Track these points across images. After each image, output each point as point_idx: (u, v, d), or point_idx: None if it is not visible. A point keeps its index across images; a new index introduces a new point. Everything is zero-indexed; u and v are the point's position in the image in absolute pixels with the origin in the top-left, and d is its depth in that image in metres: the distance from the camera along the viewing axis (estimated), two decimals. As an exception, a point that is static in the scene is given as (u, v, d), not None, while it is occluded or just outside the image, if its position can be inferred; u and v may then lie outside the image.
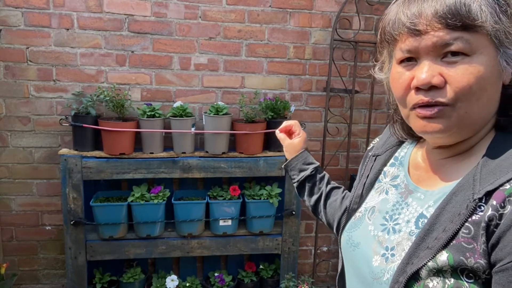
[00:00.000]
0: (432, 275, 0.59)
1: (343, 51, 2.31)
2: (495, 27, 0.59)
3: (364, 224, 0.77)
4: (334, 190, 1.06)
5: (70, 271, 2.09)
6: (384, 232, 0.72)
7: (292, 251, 2.28)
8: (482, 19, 0.58)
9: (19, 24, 2.02)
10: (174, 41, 2.15)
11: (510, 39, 0.60)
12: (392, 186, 0.77)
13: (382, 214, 0.75)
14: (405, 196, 0.73)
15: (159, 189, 2.11)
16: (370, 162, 0.85)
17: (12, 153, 2.15)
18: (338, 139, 2.41)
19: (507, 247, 0.54)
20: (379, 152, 0.85)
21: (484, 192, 0.58)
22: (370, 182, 0.82)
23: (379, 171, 0.82)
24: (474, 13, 0.58)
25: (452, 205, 0.61)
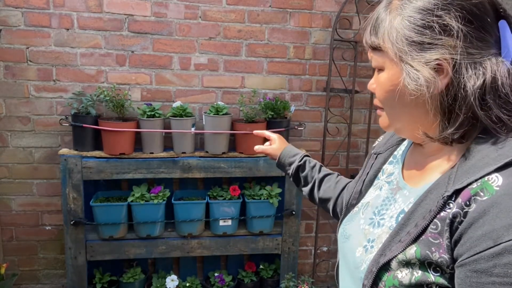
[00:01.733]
0: (402, 267, 0.64)
1: (343, 51, 2.31)
2: (393, 46, 0.65)
3: (357, 218, 0.81)
4: (327, 177, 1.11)
5: (70, 271, 2.09)
6: (370, 226, 0.76)
7: (292, 251, 2.28)
8: (383, 40, 0.66)
9: (19, 24, 2.02)
10: (174, 41, 2.15)
11: (412, 56, 0.63)
12: (386, 183, 0.81)
13: (372, 209, 0.79)
14: (394, 193, 0.77)
15: (159, 189, 2.11)
16: (371, 159, 0.89)
17: (12, 153, 2.15)
18: (338, 139, 2.41)
19: (467, 243, 0.56)
20: (380, 150, 0.88)
21: (452, 190, 0.60)
22: (369, 179, 0.86)
23: (379, 169, 0.85)
24: (379, 34, 0.67)
25: (426, 202, 0.65)
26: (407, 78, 0.64)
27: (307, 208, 2.48)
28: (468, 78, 0.61)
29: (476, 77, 0.61)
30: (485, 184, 0.57)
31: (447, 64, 0.61)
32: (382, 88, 0.70)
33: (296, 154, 1.17)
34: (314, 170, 1.13)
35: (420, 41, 0.62)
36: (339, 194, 1.07)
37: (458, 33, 0.60)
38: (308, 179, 1.13)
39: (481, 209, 0.56)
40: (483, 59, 0.61)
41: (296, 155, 1.16)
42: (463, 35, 0.60)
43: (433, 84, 0.62)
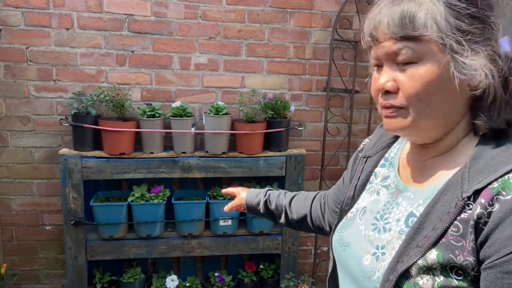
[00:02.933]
0: (422, 273, 0.61)
1: (343, 51, 2.31)
2: (441, 35, 0.60)
3: (355, 224, 0.78)
4: (294, 198, 1.11)
5: (70, 271, 2.09)
6: (375, 231, 0.73)
7: (292, 251, 2.28)
8: (426, 29, 0.61)
9: (19, 24, 2.02)
10: (174, 41, 2.15)
11: (462, 46, 0.60)
12: (383, 187, 0.78)
13: (373, 214, 0.76)
14: (395, 196, 0.74)
15: (159, 189, 2.11)
16: (361, 163, 0.86)
17: (12, 153, 2.15)
18: (338, 139, 2.41)
19: (495, 244, 0.55)
20: (370, 153, 0.85)
21: (472, 191, 0.58)
22: (361, 183, 0.83)
23: (370, 172, 0.83)
24: (418, 23, 0.61)
25: (441, 203, 0.62)
26: (458, 68, 0.60)
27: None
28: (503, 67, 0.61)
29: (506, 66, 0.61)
30: (507, 182, 0.56)
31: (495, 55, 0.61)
32: (421, 81, 0.63)
33: (259, 193, 1.17)
34: (280, 198, 1.13)
35: (469, 30, 0.60)
36: (310, 207, 1.06)
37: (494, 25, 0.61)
38: (278, 208, 1.12)
39: (506, 208, 0.55)
40: None
41: (260, 194, 1.16)
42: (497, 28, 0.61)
43: (490, 74, 0.60)
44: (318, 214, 1.04)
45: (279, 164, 2.16)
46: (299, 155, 2.19)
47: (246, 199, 1.19)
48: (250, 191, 1.21)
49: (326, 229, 1.04)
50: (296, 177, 2.19)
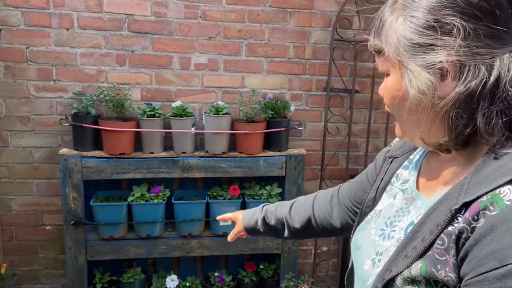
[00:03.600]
0: (407, 284, 0.60)
1: (343, 51, 2.31)
2: (394, 50, 0.60)
3: (369, 228, 0.77)
4: (293, 205, 1.06)
5: (70, 271, 2.09)
6: (380, 237, 0.72)
7: (292, 251, 2.28)
8: (386, 44, 0.62)
9: (19, 24, 2.02)
10: (174, 41, 2.15)
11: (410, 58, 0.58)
12: (400, 190, 0.75)
13: (384, 219, 0.74)
14: (409, 203, 0.71)
15: (159, 189, 2.11)
16: (386, 164, 0.83)
17: (12, 153, 2.15)
18: (338, 139, 2.41)
19: (472, 261, 0.53)
20: (396, 154, 0.82)
21: (461, 203, 0.56)
22: (383, 185, 0.80)
23: (393, 174, 0.80)
24: (382, 39, 0.63)
25: (436, 214, 0.61)
26: (408, 83, 0.59)
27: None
28: (471, 81, 0.55)
29: (479, 79, 0.55)
30: (496, 197, 0.53)
31: (453, 67, 0.56)
32: (388, 94, 0.65)
33: (255, 211, 1.12)
34: (278, 211, 1.07)
35: (422, 42, 0.57)
36: (312, 209, 1.01)
37: (461, 31, 0.54)
38: (279, 222, 1.06)
39: (489, 225, 0.51)
40: (494, 59, 0.55)
41: (256, 212, 1.11)
42: (468, 34, 0.54)
43: (433, 89, 0.57)
44: (324, 214, 1.00)
45: (279, 164, 2.16)
46: (299, 155, 2.19)
47: (243, 222, 1.14)
48: (245, 212, 1.15)
49: (336, 227, 0.98)
50: (296, 177, 2.19)
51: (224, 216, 1.24)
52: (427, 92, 0.57)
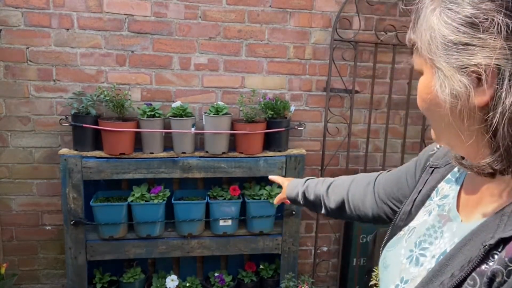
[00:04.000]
0: None
1: (343, 51, 2.31)
2: (426, 47, 0.53)
3: (399, 246, 0.69)
4: (332, 184, 1.02)
5: (70, 271, 2.09)
6: (407, 261, 0.64)
7: (292, 251, 2.28)
8: (418, 37, 0.54)
9: (19, 24, 2.02)
10: (174, 41, 2.15)
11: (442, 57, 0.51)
12: (437, 206, 0.66)
13: (416, 238, 0.66)
14: (443, 222, 0.63)
15: (159, 189, 2.11)
16: (426, 174, 0.73)
17: (12, 153, 2.15)
18: (338, 139, 2.41)
19: None
20: (438, 163, 0.72)
21: (498, 238, 0.48)
22: (421, 198, 0.71)
23: (433, 187, 0.70)
24: (417, 32, 0.55)
25: (469, 247, 0.52)
26: (438, 86, 0.52)
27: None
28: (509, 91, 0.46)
29: None
30: None
31: (491, 72, 0.47)
32: (419, 95, 0.57)
33: (298, 183, 1.11)
34: (318, 188, 1.04)
35: (457, 41, 0.49)
36: (348, 193, 0.96)
37: (503, 30, 0.46)
38: (317, 198, 1.03)
39: None
40: None
41: (298, 185, 1.11)
42: None
43: (467, 95, 0.49)
44: (358, 200, 0.94)
45: (279, 164, 2.16)
46: (299, 155, 2.19)
47: (287, 191, 1.14)
48: (291, 182, 1.15)
49: (368, 215, 0.92)
50: (296, 177, 2.19)
51: (275, 178, 1.27)
52: (459, 98, 0.50)
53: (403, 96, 2.41)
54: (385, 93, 2.40)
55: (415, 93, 2.58)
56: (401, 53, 2.35)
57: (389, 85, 2.35)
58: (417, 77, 2.02)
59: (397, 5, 2.30)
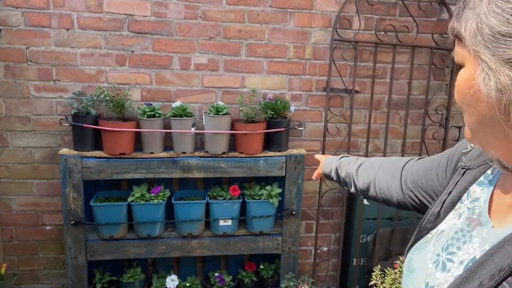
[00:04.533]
0: None
1: (343, 51, 2.31)
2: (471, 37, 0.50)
3: (426, 250, 0.66)
4: (361, 166, 1.04)
5: (70, 271, 2.09)
6: (434, 265, 0.62)
7: (292, 251, 2.28)
8: (464, 29, 0.51)
9: (19, 24, 2.02)
10: (174, 41, 2.15)
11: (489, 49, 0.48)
12: (467, 209, 0.64)
13: (443, 242, 0.63)
14: (473, 227, 0.60)
15: (159, 189, 2.11)
16: (458, 175, 0.70)
17: (12, 153, 2.15)
18: (338, 139, 2.41)
19: None
20: (471, 164, 0.68)
21: None
22: (451, 200, 0.68)
23: (465, 189, 0.67)
24: (462, 21, 0.52)
25: (500, 255, 0.50)
26: (481, 80, 0.49)
27: (307, 208, 2.48)
28: None
29: None
30: None
31: None
32: (458, 90, 0.54)
33: (332, 160, 1.15)
34: (350, 166, 1.06)
35: (506, 32, 0.46)
36: (375, 176, 0.96)
37: None
38: (348, 176, 1.06)
39: None
40: None
41: (333, 161, 1.14)
42: None
43: (510, 89, 0.46)
44: (384, 184, 0.93)
45: (279, 164, 2.16)
46: (299, 155, 2.19)
47: (322, 167, 1.19)
48: (327, 158, 1.20)
49: (392, 201, 0.92)
50: (296, 177, 2.20)
51: (317, 156, 1.32)
52: (504, 92, 0.46)
53: (403, 96, 2.41)
54: (385, 93, 2.40)
55: (415, 93, 2.60)
56: (401, 53, 2.35)
57: (389, 85, 2.35)
58: (417, 77, 2.04)
59: (397, 5, 2.30)
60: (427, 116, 2.41)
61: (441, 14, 2.35)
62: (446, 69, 2.41)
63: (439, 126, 2.48)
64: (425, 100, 2.38)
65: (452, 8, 2.32)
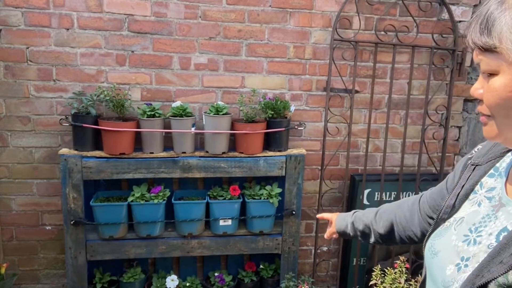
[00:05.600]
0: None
1: (343, 51, 2.31)
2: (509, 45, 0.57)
3: (448, 234, 0.76)
4: (379, 211, 1.09)
5: (70, 271, 2.09)
6: (464, 243, 0.70)
7: (292, 251, 2.28)
8: (499, 41, 0.58)
9: (19, 24, 2.02)
10: (174, 41, 2.15)
11: None
12: (486, 198, 0.74)
13: (468, 226, 0.72)
14: (496, 209, 0.70)
15: (159, 189, 2.11)
16: (468, 171, 0.81)
17: (12, 153, 2.15)
18: (338, 139, 2.41)
19: None
20: (479, 161, 0.80)
21: None
22: (465, 192, 0.79)
23: (476, 182, 0.78)
24: (493, 35, 0.59)
25: None
26: None
27: (307, 208, 2.48)
28: None
29: None
30: None
31: None
32: (496, 94, 0.61)
33: (346, 216, 1.18)
34: (366, 216, 1.11)
35: None
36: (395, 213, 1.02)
37: None
38: (366, 227, 1.10)
39: None
40: None
41: (347, 217, 1.17)
42: None
43: None
44: (405, 220, 1.01)
45: (279, 164, 2.16)
46: (299, 155, 2.19)
47: (336, 225, 1.20)
48: (339, 215, 1.22)
49: (417, 234, 1.00)
50: (296, 177, 2.20)
51: (323, 216, 1.32)
52: None
53: (403, 96, 2.41)
54: (385, 93, 2.40)
55: (415, 93, 2.59)
56: (401, 53, 2.35)
57: (389, 85, 2.35)
58: (417, 77, 2.04)
59: (397, 5, 2.30)
60: (427, 116, 2.41)
61: (441, 14, 2.35)
62: (446, 69, 2.41)
63: (439, 126, 2.48)
64: (425, 100, 2.38)
65: (452, 8, 2.32)
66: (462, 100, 2.50)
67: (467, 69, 2.45)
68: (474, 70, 2.46)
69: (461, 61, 2.37)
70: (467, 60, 2.41)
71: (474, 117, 2.51)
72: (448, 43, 2.38)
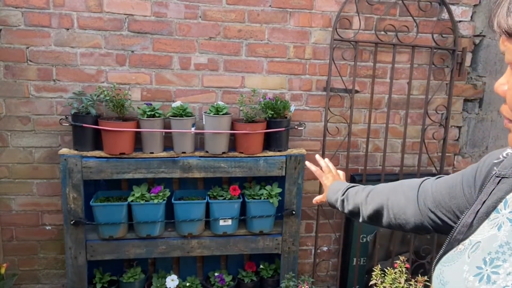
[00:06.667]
0: None
1: (343, 50, 2.31)
2: None
3: (461, 261, 0.63)
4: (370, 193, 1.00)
5: (70, 271, 2.09)
6: (476, 278, 0.58)
7: (292, 251, 2.28)
8: None
9: (19, 24, 2.02)
10: (174, 41, 2.15)
11: None
12: (508, 220, 0.60)
13: (483, 254, 0.60)
14: None
15: (159, 189, 2.11)
16: (492, 183, 0.66)
17: (12, 153, 2.15)
18: (338, 138, 2.41)
19: None
20: (507, 173, 0.65)
21: None
22: (486, 210, 0.65)
23: (501, 198, 0.63)
24: None
25: None
26: None
27: (307, 208, 2.48)
28: None
29: None
30: None
31: None
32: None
33: (339, 190, 1.09)
34: (358, 196, 1.02)
35: None
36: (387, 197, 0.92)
37: None
38: (356, 207, 1.02)
39: None
40: None
41: (338, 191, 1.08)
42: None
43: None
44: (399, 207, 0.90)
45: (279, 164, 2.16)
46: (299, 154, 2.19)
47: (327, 195, 1.13)
48: (332, 185, 1.12)
49: (410, 226, 0.88)
50: (296, 177, 2.20)
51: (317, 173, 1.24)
52: None
53: (403, 96, 2.41)
54: (385, 93, 2.40)
55: (415, 93, 2.59)
56: (401, 53, 2.35)
57: (389, 85, 2.35)
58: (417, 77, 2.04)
59: (397, 5, 2.30)
60: (427, 116, 2.41)
61: (441, 14, 2.35)
62: (446, 69, 2.41)
63: (439, 126, 2.48)
64: (425, 100, 2.38)
65: (452, 8, 2.32)
66: (462, 100, 2.50)
67: (467, 69, 2.45)
68: (474, 70, 2.46)
69: (461, 61, 2.37)
70: (467, 60, 2.41)
71: (474, 117, 2.51)
72: (448, 43, 2.38)
